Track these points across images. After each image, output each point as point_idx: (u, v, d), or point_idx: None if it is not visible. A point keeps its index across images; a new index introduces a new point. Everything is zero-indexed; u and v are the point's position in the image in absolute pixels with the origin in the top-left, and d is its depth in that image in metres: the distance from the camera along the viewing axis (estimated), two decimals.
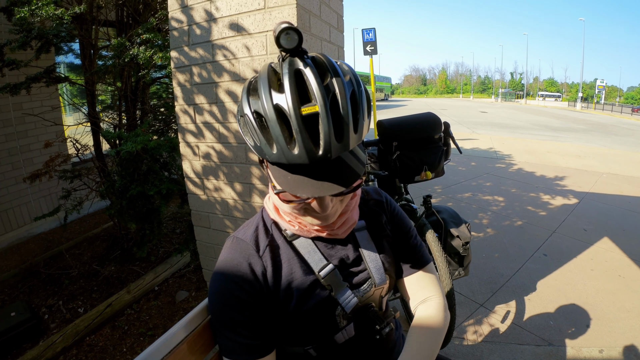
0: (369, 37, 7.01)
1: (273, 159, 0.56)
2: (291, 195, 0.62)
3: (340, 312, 0.74)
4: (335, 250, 0.77)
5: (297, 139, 0.53)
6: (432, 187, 5.03)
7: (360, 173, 0.59)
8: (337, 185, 0.56)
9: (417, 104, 32.49)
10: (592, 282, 2.58)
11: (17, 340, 2.24)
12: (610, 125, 16.01)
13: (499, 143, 8.94)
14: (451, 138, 2.00)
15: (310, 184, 0.56)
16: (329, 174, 0.56)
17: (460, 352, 1.91)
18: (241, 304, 0.69)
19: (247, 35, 1.42)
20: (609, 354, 1.87)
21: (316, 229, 0.72)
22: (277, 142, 0.54)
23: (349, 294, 0.74)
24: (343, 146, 0.55)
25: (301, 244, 0.75)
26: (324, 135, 0.53)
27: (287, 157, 0.54)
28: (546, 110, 27.62)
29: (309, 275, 0.73)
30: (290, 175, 0.57)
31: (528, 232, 3.47)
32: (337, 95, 0.55)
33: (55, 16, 2.12)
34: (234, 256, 0.72)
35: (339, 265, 0.76)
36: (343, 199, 0.68)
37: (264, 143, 0.56)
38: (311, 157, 0.53)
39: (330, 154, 0.54)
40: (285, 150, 0.54)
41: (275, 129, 0.54)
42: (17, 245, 3.76)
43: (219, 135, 1.61)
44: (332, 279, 0.73)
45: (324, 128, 0.53)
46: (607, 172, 5.98)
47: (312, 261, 0.74)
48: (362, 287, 0.77)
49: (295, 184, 0.56)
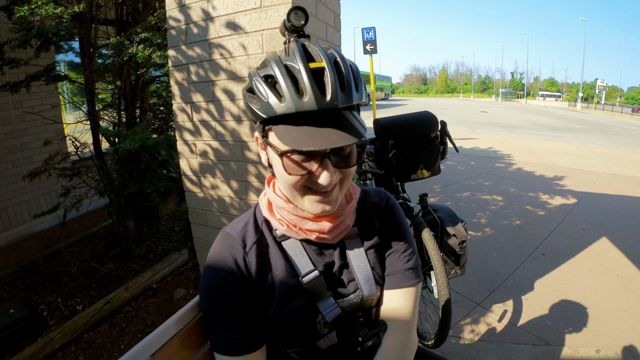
0: (369, 36, 7.01)
1: (281, 110, 0.57)
2: (297, 166, 0.61)
3: (321, 320, 0.72)
4: (324, 256, 0.75)
5: (306, 88, 0.56)
6: (431, 186, 5.03)
7: (364, 134, 0.60)
8: (343, 137, 0.56)
9: (417, 104, 32.49)
10: (590, 282, 2.58)
11: (16, 337, 2.25)
12: (610, 126, 15.99)
13: (498, 143, 8.94)
14: (448, 137, 2.00)
15: (318, 135, 0.56)
16: (335, 126, 0.58)
17: (457, 351, 1.91)
18: (229, 300, 0.68)
19: (243, 33, 1.42)
20: (606, 354, 1.87)
21: (307, 228, 0.70)
22: (286, 95, 0.57)
23: (331, 303, 0.72)
24: (347, 97, 0.59)
25: (290, 246, 0.74)
26: (330, 85, 0.57)
27: (296, 106, 0.56)
28: (546, 110, 27.59)
29: (292, 279, 0.71)
30: (297, 130, 0.58)
31: (526, 232, 3.47)
32: (339, 60, 0.61)
33: (55, 15, 2.12)
34: (221, 250, 0.72)
35: (325, 272, 0.74)
36: (344, 176, 0.65)
37: (273, 99, 0.58)
38: (319, 103, 0.56)
39: (336, 102, 0.57)
40: (295, 99, 0.56)
41: (284, 83, 0.58)
42: (17, 243, 3.77)
43: (215, 133, 1.61)
44: (316, 285, 0.71)
45: (330, 78, 0.57)
46: (606, 172, 5.98)
47: (299, 265, 0.72)
48: (349, 297, 0.75)
49: (302, 137, 0.57)
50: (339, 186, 0.66)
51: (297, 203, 0.68)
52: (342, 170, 0.64)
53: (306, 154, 0.60)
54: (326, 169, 0.61)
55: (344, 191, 0.68)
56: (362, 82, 0.65)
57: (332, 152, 0.61)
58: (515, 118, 18.04)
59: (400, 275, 0.78)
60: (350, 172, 0.66)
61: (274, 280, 0.71)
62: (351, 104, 0.60)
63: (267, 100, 0.59)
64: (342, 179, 0.66)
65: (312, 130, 0.57)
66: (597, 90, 49.00)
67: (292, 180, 0.63)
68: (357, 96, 0.61)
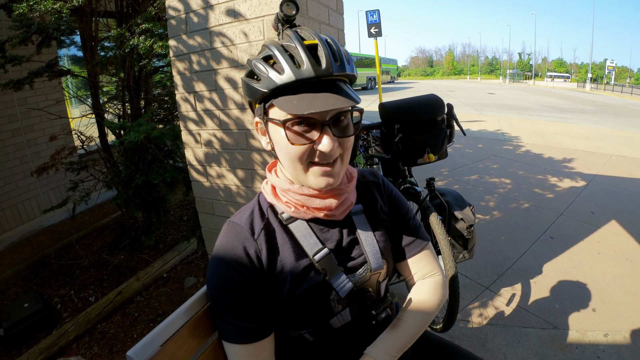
0: (373, 19, 6.90)
1: (282, 80, 0.63)
2: (299, 136, 0.65)
3: (334, 296, 0.74)
4: (331, 234, 0.77)
5: (303, 59, 0.62)
6: (439, 169, 5.00)
7: (358, 100, 0.65)
8: (341, 100, 0.62)
9: (424, 86, 31.99)
10: (599, 266, 2.56)
11: (32, 330, 2.30)
12: (620, 107, 15.65)
13: (506, 125, 8.82)
14: (455, 120, 1.97)
15: (317, 99, 0.61)
16: (332, 91, 0.63)
17: (465, 334, 1.92)
18: (238, 288, 0.69)
19: (244, 20, 1.40)
20: (614, 338, 1.86)
21: (315, 206, 0.72)
22: (285, 68, 0.63)
23: (343, 279, 0.74)
24: (340, 67, 0.65)
25: (297, 228, 0.75)
26: (324, 56, 0.63)
27: (296, 75, 0.62)
28: (555, 92, 27.08)
29: (303, 259, 0.73)
30: (297, 98, 0.63)
31: (535, 215, 3.44)
32: (329, 40, 0.67)
33: (54, 10, 2.11)
34: (230, 240, 0.72)
35: (335, 249, 0.76)
36: (343, 150, 0.69)
37: (273, 72, 0.64)
38: (316, 70, 0.62)
39: (331, 69, 0.63)
40: (294, 69, 0.62)
41: (282, 58, 0.63)
42: (29, 238, 3.84)
43: (219, 122, 1.60)
44: (327, 263, 0.73)
45: (324, 51, 0.63)
46: (616, 154, 5.87)
47: (307, 245, 0.74)
48: (358, 272, 0.77)
49: (303, 103, 0.61)
50: (340, 160, 0.69)
51: (301, 179, 0.70)
52: (341, 142, 0.68)
53: (307, 122, 0.65)
54: (327, 134, 0.65)
55: (344, 166, 0.72)
56: (351, 60, 0.70)
57: (331, 121, 0.65)
58: (523, 99, 17.74)
59: (418, 237, 0.88)
60: (349, 144, 0.70)
61: (285, 263, 0.72)
62: (344, 72, 0.66)
63: (268, 74, 0.65)
64: (342, 153, 0.69)
65: (311, 96, 0.62)
66: (607, 70, 47.86)
67: (296, 151, 0.66)
68: (349, 68, 0.67)
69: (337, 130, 0.66)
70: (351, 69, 0.68)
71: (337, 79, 0.66)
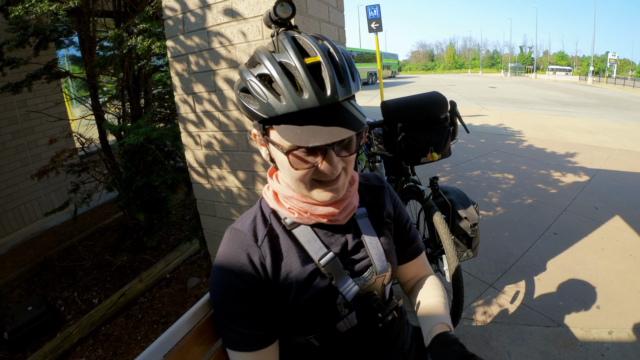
0: (374, 14, 6.85)
1: (283, 109, 0.57)
2: (301, 161, 0.63)
3: (341, 300, 0.73)
4: (336, 238, 0.76)
5: (305, 85, 0.56)
6: (441, 165, 4.97)
7: (364, 122, 0.61)
8: (346, 130, 0.57)
9: (425, 81, 31.84)
10: (603, 262, 2.54)
11: (36, 333, 2.30)
12: (622, 100, 15.53)
13: (508, 119, 8.77)
14: (458, 117, 1.95)
15: (321, 132, 0.57)
16: (337, 120, 0.58)
17: (469, 333, 1.91)
18: (242, 295, 0.69)
19: (242, 20, 1.38)
20: (619, 335, 1.85)
21: (318, 213, 0.71)
22: (285, 93, 0.57)
23: (349, 282, 0.73)
24: (346, 89, 0.59)
25: (300, 233, 0.74)
26: (329, 79, 0.57)
27: (297, 104, 0.56)
28: (557, 85, 26.91)
29: (308, 264, 0.72)
30: (300, 128, 0.58)
31: (538, 211, 3.42)
32: (332, 50, 0.61)
33: (50, 12, 2.09)
34: (233, 247, 0.72)
35: (340, 253, 0.75)
36: (346, 164, 0.67)
37: (272, 98, 0.58)
38: (321, 99, 0.56)
39: (337, 96, 0.57)
40: (295, 97, 0.56)
41: (282, 82, 0.57)
42: (31, 240, 3.84)
43: (219, 124, 1.59)
44: (333, 267, 0.72)
45: (328, 72, 0.57)
46: (619, 148, 5.82)
47: (312, 250, 0.73)
48: (364, 275, 0.76)
49: (307, 134, 0.57)
50: (343, 173, 0.68)
51: (304, 194, 0.70)
52: (344, 158, 0.66)
53: (311, 149, 0.61)
54: (330, 159, 0.62)
55: (349, 177, 0.71)
56: (356, 71, 0.65)
57: (335, 143, 0.62)
58: (525, 93, 17.64)
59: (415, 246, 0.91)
60: (352, 158, 0.68)
61: (291, 269, 0.71)
62: (350, 95, 0.61)
63: (267, 100, 0.59)
64: (345, 166, 0.68)
65: (316, 128, 0.58)
66: (609, 63, 47.61)
67: (299, 174, 0.64)
68: (355, 86, 0.62)
69: (339, 149, 0.64)
70: (357, 86, 0.63)
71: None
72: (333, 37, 1.64)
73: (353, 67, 0.64)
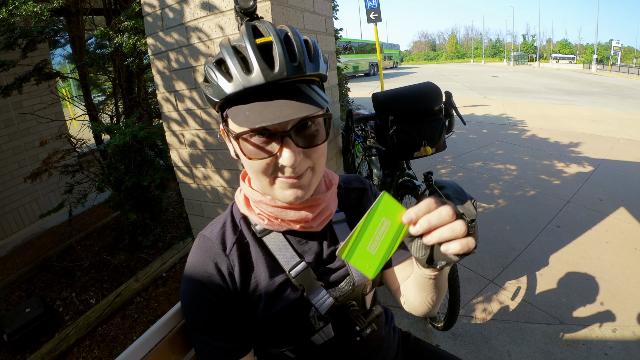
0: (372, 4, 6.72)
1: (230, 89, 0.54)
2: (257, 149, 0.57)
3: (314, 313, 0.69)
4: (309, 246, 0.71)
5: (252, 63, 0.53)
6: (442, 156, 4.89)
7: (323, 106, 0.55)
8: (298, 109, 0.52)
9: (427, 71, 31.50)
10: (607, 256, 2.47)
11: (34, 335, 2.31)
12: (627, 88, 15.20)
13: (511, 109, 8.64)
14: (454, 109, 1.87)
15: (269, 110, 0.52)
16: (289, 98, 0.54)
17: (468, 331, 1.86)
18: (211, 307, 0.65)
19: (219, 13, 1.32)
20: (623, 333, 1.79)
21: (289, 219, 0.66)
22: (234, 74, 0.54)
23: (323, 294, 0.68)
24: (298, 67, 0.54)
25: (271, 240, 0.69)
26: (278, 56, 0.53)
27: (244, 82, 0.53)
28: (560, 73, 26.45)
29: (278, 275, 0.68)
30: (249, 108, 0.54)
31: (541, 203, 3.35)
32: (290, 34, 0.57)
33: (35, 13, 2.05)
34: (201, 256, 0.68)
35: (313, 262, 0.71)
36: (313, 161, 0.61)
37: (222, 79, 0.55)
38: (266, 75, 0.52)
39: (285, 72, 0.53)
40: (243, 76, 0.53)
41: (231, 62, 0.54)
42: (31, 241, 3.85)
43: (202, 122, 1.54)
44: (305, 278, 0.68)
45: (278, 50, 0.53)
46: (624, 138, 5.69)
47: (283, 259, 0.68)
48: (339, 286, 0.71)
49: (254, 115, 0.52)
50: (310, 171, 0.62)
51: (268, 192, 0.63)
52: (308, 152, 0.59)
53: (264, 134, 0.56)
54: (288, 147, 0.56)
55: (318, 177, 0.64)
56: (319, 55, 0.60)
57: (293, 130, 0.56)
58: (528, 82, 17.37)
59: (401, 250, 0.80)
60: (319, 153, 0.61)
61: (259, 280, 0.67)
62: (303, 74, 0.55)
63: (217, 82, 0.56)
64: (312, 165, 0.61)
65: (263, 106, 0.53)
66: (613, 51, 46.85)
67: (257, 166, 0.59)
68: (311, 66, 0.57)
69: (301, 140, 0.58)
70: (314, 67, 0.57)
71: (298, 80, 0.57)
72: (320, 28, 1.58)
73: (315, 50, 0.59)
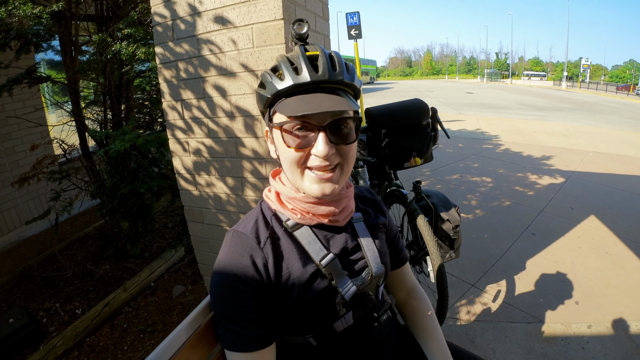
0: (353, 21, 6.93)
1: (282, 85, 0.69)
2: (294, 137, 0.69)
3: (340, 300, 0.76)
4: (335, 240, 0.79)
5: (302, 67, 0.68)
6: (421, 170, 5.08)
7: (356, 108, 0.70)
8: (336, 103, 0.65)
9: (403, 86, 32.43)
10: (580, 260, 2.66)
11: (18, 346, 2.22)
12: (595, 104, 16.19)
13: (485, 124, 9.03)
14: (439, 123, 2.02)
15: (312, 101, 0.66)
16: (328, 98, 0.67)
17: (454, 332, 1.97)
18: (243, 296, 0.70)
19: (232, 28, 1.40)
20: (597, 329, 1.94)
21: (320, 213, 0.75)
22: (286, 75, 0.69)
23: (348, 283, 0.76)
24: (338, 75, 0.69)
25: (301, 235, 0.77)
26: (322, 64, 0.68)
27: (294, 80, 0.68)
28: (532, 90, 27.80)
29: (309, 265, 0.75)
30: (294, 102, 0.67)
31: (516, 212, 3.54)
32: (333, 53, 0.72)
33: (33, 15, 2.06)
34: (236, 249, 0.73)
35: (339, 254, 0.78)
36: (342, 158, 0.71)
37: (275, 79, 0.70)
38: (312, 76, 0.67)
39: (327, 75, 0.67)
40: (293, 76, 0.68)
41: (285, 67, 0.70)
42: (9, 250, 3.71)
43: (208, 131, 1.60)
44: (333, 268, 0.75)
45: (323, 60, 0.68)
46: (593, 151, 6.10)
47: (313, 251, 0.75)
48: (360, 276, 0.79)
49: (298, 105, 0.66)
50: (339, 169, 0.72)
51: (298, 184, 0.73)
52: (339, 149, 0.70)
53: (305, 127, 0.68)
54: (323, 139, 0.67)
55: (345, 176, 0.74)
56: (354, 72, 0.74)
57: (329, 127, 0.68)
58: (501, 98, 18.16)
59: (402, 256, 0.99)
60: (349, 153, 0.72)
61: (292, 270, 0.73)
62: (342, 79, 0.69)
63: (271, 81, 0.71)
64: (342, 162, 0.72)
65: (307, 99, 0.67)
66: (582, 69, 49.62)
67: (292, 155, 0.69)
68: (348, 77, 0.71)
69: (334, 137, 0.69)
70: (350, 78, 0.72)
71: (336, 87, 0.71)
72: None
73: (351, 67, 0.74)
